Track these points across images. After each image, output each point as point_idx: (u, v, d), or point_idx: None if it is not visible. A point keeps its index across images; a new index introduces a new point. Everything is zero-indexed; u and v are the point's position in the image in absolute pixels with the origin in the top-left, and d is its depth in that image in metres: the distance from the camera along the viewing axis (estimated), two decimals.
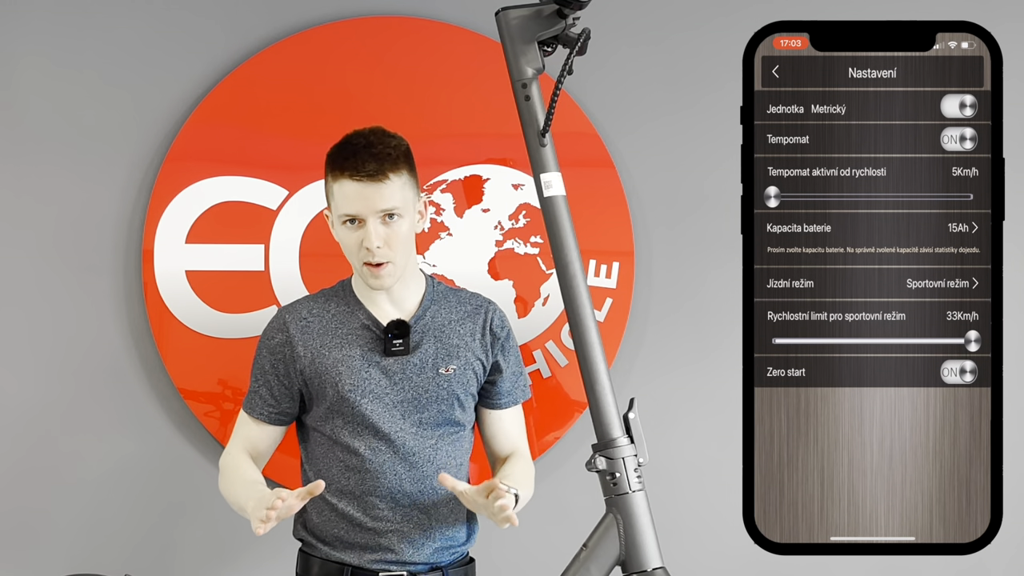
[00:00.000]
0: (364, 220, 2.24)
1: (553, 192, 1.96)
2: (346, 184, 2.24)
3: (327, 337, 2.32)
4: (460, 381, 2.33)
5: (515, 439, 2.44)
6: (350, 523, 2.30)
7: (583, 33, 1.97)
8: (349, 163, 2.24)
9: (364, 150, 2.24)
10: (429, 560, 2.32)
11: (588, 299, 1.94)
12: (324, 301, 2.38)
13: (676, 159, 2.98)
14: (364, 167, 2.23)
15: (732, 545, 2.84)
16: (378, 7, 2.96)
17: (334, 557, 2.32)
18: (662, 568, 1.90)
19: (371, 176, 2.23)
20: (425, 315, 2.35)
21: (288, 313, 2.36)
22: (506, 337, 2.41)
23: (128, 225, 2.91)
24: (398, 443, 2.29)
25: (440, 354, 2.33)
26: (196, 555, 2.94)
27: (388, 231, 2.25)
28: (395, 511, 2.29)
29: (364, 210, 2.23)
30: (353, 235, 2.26)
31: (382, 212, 2.24)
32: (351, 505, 2.30)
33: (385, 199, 2.23)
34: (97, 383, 2.91)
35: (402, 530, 2.30)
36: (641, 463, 1.93)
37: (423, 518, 2.31)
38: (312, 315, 2.35)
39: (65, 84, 2.92)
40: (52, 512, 2.91)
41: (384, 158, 2.24)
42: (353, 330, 2.33)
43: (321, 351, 2.31)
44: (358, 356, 2.30)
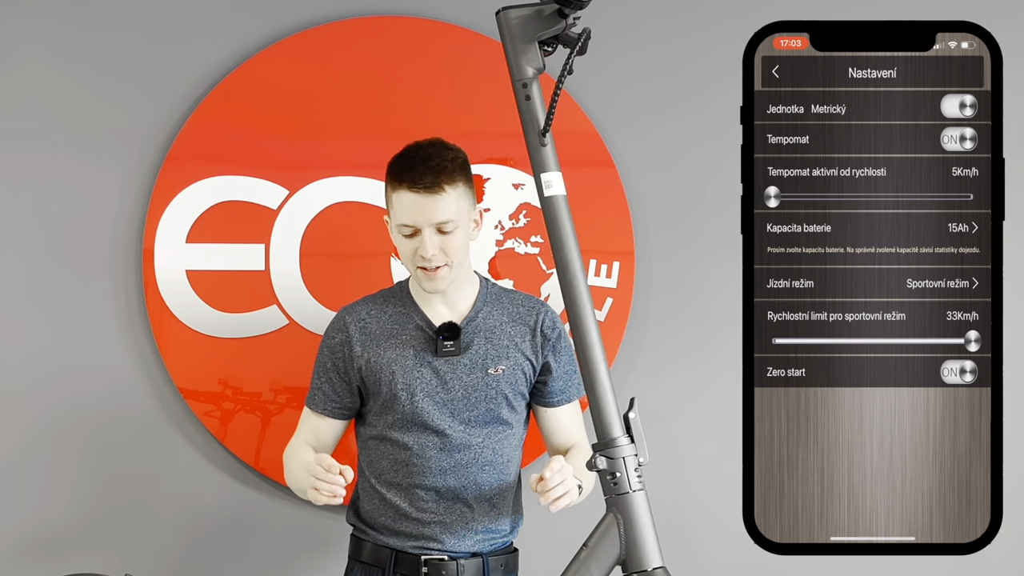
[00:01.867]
0: (420, 230, 2.32)
1: (553, 192, 1.95)
2: (404, 195, 2.32)
3: (383, 337, 2.42)
4: (509, 381, 2.41)
5: (573, 434, 2.51)
6: (397, 512, 2.41)
7: (584, 33, 1.97)
8: (408, 175, 2.32)
9: (422, 162, 2.32)
10: (471, 549, 2.41)
11: (588, 299, 1.94)
12: (382, 302, 2.47)
13: (676, 159, 2.98)
14: (421, 179, 2.31)
15: (732, 545, 2.84)
16: (378, 7, 2.96)
17: (381, 541, 2.42)
18: (662, 568, 1.89)
19: (428, 188, 2.30)
20: (477, 317, 2.43)
21: (348, 314, 2.46)
22: (557, 338, 2.47)
23: (128, 225, 2.91)
24: (446, 439, 2.38)
25: (490, 355, 2.41)
26: (196, 555, 2.94)
27: (443, 240, 2.34)
28: (439, 503, 2.39)
29: (420, 221, 2.32)
30: (409, 243, 2.35)
31: (437, 223, 2.32)
32: (398, 496, 2.40)
33: (440, 211, 2.31)
34: (97, 383, 2.91)
35: (445, 521, 2.40)
36: (641, 463, 1.92)
37: (466, 511, 2.40)
38: (370, 316, 2.45)
39: (65, 84, 2.92)
40: (52, 512, 2.91)
41: (441, 171, 2.32)
42: (408, 330, 2.42)
43: (377, 351, 2.41)
44: (411, 356, 2.40)
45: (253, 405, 2.89)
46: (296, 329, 2.88)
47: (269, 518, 2.92)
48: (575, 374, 2.49)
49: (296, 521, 2.90)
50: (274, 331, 2.89)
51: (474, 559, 2.40)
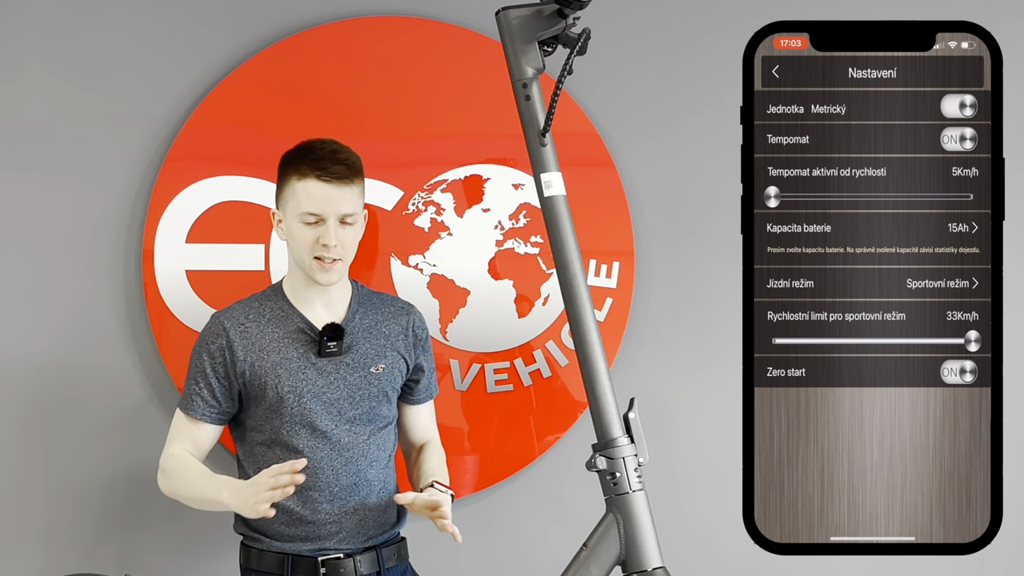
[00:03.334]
0: (324, 220, 2.37)
1: (553, 192, 1.96)
2: (311, 184, 2.36)
3: (265, 340, 2.42)
4: (388, 378, 2.47)
5: (429, 429, 2.62)
6: (290, 517, 2.40)
7: (583, 33, 1.98)
8: (319, 164, 2.37)
9: (332, 155, 2.39)
10: (364, 544, 2.44)
11: (588, 299, 1.94)
12: (258, 305, 2.48)
13: (676, 159, 2.98)
14: (333, 170, 2.37)
15: (732, 545, 2.84)
16: (378, 7, 2.96)
17: (276, 548, 2.42)
18: (662, 568, 1.90)
19: (339, 179, 2.37)
20: (355, 317, 2.47)
21: (226, 318, 2.45)
22: (425, 339, 2.56)
23: (128, 225, 2.91)
24: (334, 439, 2.40)
25: (371, 354, 2.45)
26: (196, 555, 2.94)
27: (343, 233, 2.38)
28: (332, 503, 2.39)
29: (328, 210, 2.36)
30: (310, 232, 2.38)
31: (343, 215, 2.38)
32: (291, 500, 2.38)
33: (347, 203, 2.38)
34: (97, 383, 2.91)
35: (340, 521, 2.40)
36: (641, 463, 1.93)
37: (359, 508, 2.41)
38: (249, 320, 2.45)
39: (65, 84, 2.92)
40: (52, 512, 2.91)
41: (350, 165, 2.40)
42: (289, 333, 2.43)
43: (260, 354, 2.41)
44: (295, 358, 2.41)
45: None
46: None
47: None
48: (434, 372, 2.61)
49: None
50: None
51: (368, 553, 2.43)
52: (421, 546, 2.65)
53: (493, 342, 2.91)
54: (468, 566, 2.94)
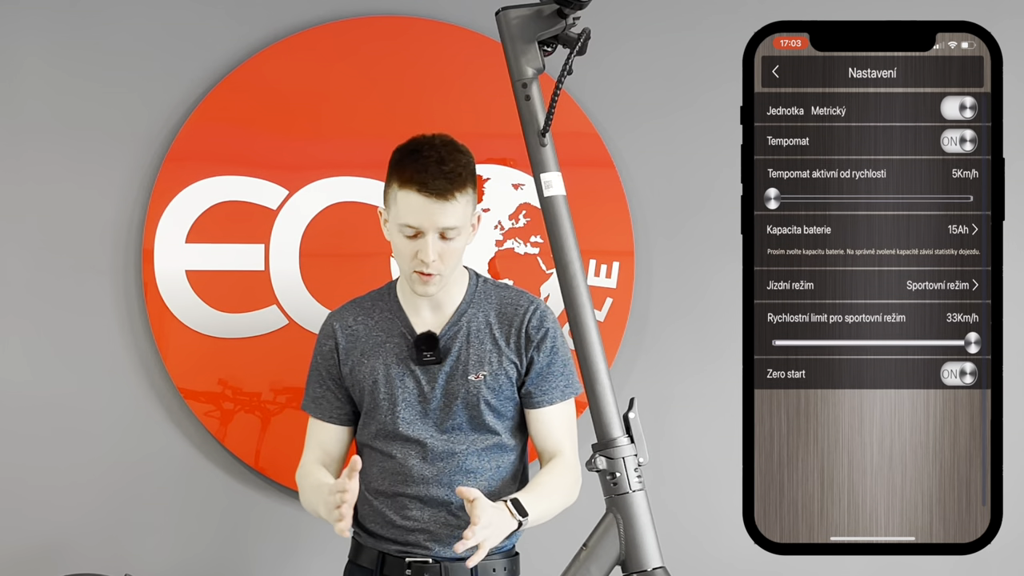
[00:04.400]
0: (424, 233, 2.26)
1: (553, 192, 1.96)
2: (412, 196, 2.25)
3: (368, 345, 2.39)
4: (491, 387, 2.35)
5: (552, 439, 2.39)
6: (383, 519, 2.38)
7: (583, 33, 1.97)
8: (420, 177, 2.24)
9: (436, 166, 2.25)
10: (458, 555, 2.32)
11: (588, 299, 1.94)
12: (370, 306, 2.44)
13: (676, 159, 2.97)
14: (433, 184, 2.23)
15: (732, 545, 2.84)
16: (378, 7, 2.95)
17: (371, 544, 2.41)
18: (662, 568, 1.90)
19: (439, 194, 2.24)
20: (460, 320, 2.37)
21: (336, 320, 2.44)
22: (542, 337, 2.36)
23: (128, 225, 2.91)
24: (428, 448, 2.34)
25: (471, 360, 2.35)
26: (196, 555, 2.94)
27: (444, 247, 2.27)
28: (423, 511, 2.35)
29: (426, 225, 2.25)
30: (409, 244, 2.28)
31: (443, 229, 2.26)
32: (385, 503, 2.37)
33: (448, 218, 2.25)
34: (97, 383, 2.91)
35: (430, 529, 2.35)
36: (641, 463, 1.93)
37: (451, 519, 2.35)
38: (357, 322, 2.42)
39: (65, 84, 2.91)
40: (52, 512, 2.91)
41: (455, 178, 2.25)
42: (391, 338, 2.39)
43: (361, 359, 2.39)
44: (393, 364, 2.37)
45: (253, 405, 2.89)
46: (296, 329, 2.88)
47: (269, 518, 2.92)
48: (561, 376, 2.39)
49: (295, 521, 2.90)
50: (274, 331, 2.89)
51: (460, 562, 2.33)
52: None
53: None
54: None
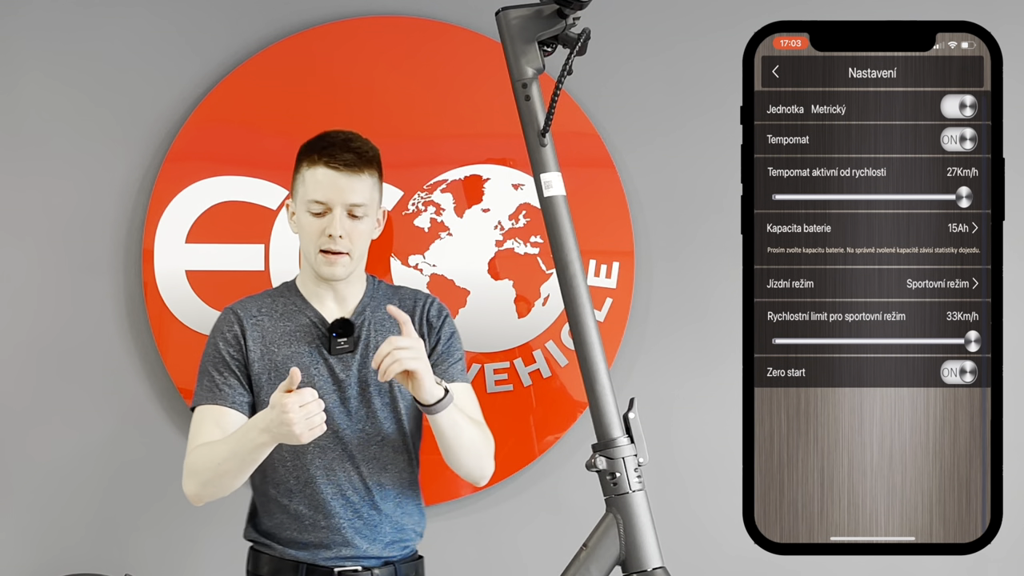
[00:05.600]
0: (331, 209, 2.31)
1: (553, 192, 1.96)
2: (320, 171, 2.32)
3: (276, 334, 2.37)
4: None
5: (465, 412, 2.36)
6: (302, 523, 2.33)
7: (583, 33, 1.97)
8: (327, 151, 2.32)
9: (343, 143, 2.34)
10: (381, 555, 2.35)
11: (588, 299, 1.94)
12: (271, 300, 2.43)
13: (676, 159, 2.98)
14: (341, 156, 2.32)
15: (732, 545, 2.84)
16: (378, 7, 2.96)
17: (289, 556, 2.34)
18: (662, 568, 1.90)
19: (348, 166, 2.31)
20: (365, 311, 2.40)
21: (239, 310, 2.41)
22: (442, 323, 2.43)
23: (128, 225, 2.91)
24: (346, 439, 2.33)
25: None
26: (196, 555, 2.94)
27: (351, 226, 2.32)
28: (346, 507, 2.32)
29: (334, 198, 2.31)
30: (316, 222, 2.32)
31: (350, 205, 2.32)
32: (303, 504, 2.32)
33: (356, 192, 2.32)
34: (97, 383, 2.91)
35: (355, 525, 2.33)
36: (641, 463, 1.93)
37: (373, 513, 2.34)
38: (262, 312, 2.40)
39: (65, 84, 2.92)
40: (52, 512, 2.91)
41: (362, 154, 2.34)
42: (301, 327, 2.38)
43: (271, 348, 2.36)
44: (306, 353, 2.36)
45: None
46: None
47: None
48: (460, 361, 2.43)
49: None
50: None
51: (386, 568, 2.34)
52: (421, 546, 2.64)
53: (493, 342, 2.90)
54: (468, 565, 2.94)
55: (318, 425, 2.11)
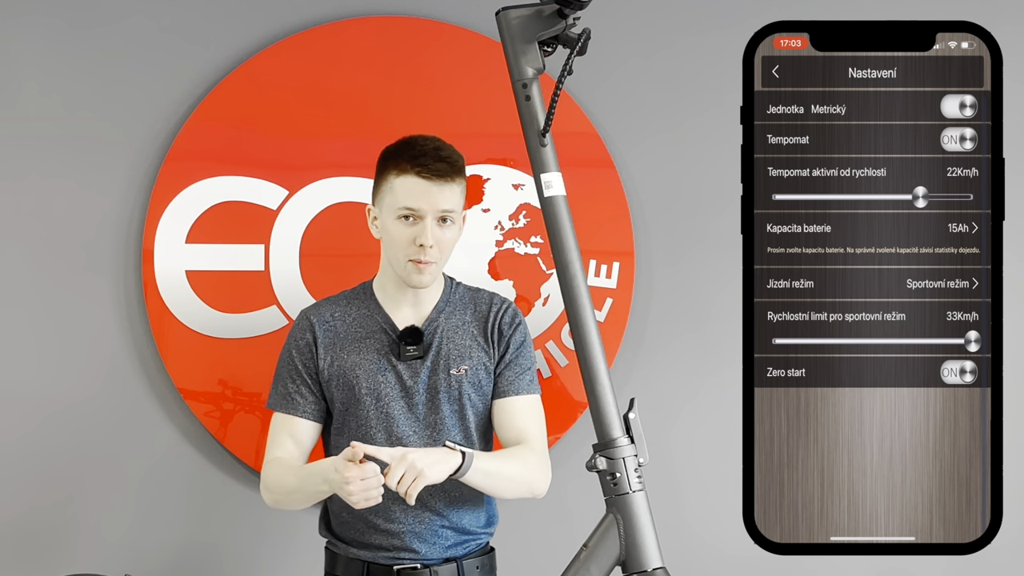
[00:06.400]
0: (422, 217, 2.31)
1: (553, 192, 1.95)
2: (411, 179, 2.31)
3: (347, 340, 2.38)
4: (472, 381, 2.37)
5: (521, 426, 2.38)
6: (366, 524, 2.36)
7: (583, 33, 1.97)
8: (419, 160, 2.31)
9: (434, 151, 2.33)
10: (443, 555, 2.37)
11: (588, 299, 1.94)
12: (346, 304, 2.44)
13: (676, 159, 2.98)
14: (434, 167, 2.31)
15: (732, 545, 2.84)
16: (378, 7, 2.96)
17: (352, 554, 2.38)
18: (662, 568, 1.90)
19: (440, 175, 2.31)
20: (439, 317, 2.40)
21: (313, 315, 2.42)
22: (514, 330, 2.42)
23: (128, 225, 2.91)
24: (410, 445, 2.32)
25: (452, 355, 2.37)
26: (196, 555, 2.94)
27: (440, 234, 2.32)
28: (407, 512, 2.33)
29: (426, 207, 2.30)
30: (407, 230, 2.32)
31: (442, 212, 2.31)
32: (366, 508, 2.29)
33: (447, 200, 2.31)
34: (97, 383, 2.91)
35: (416, 530, 2.34)
36: (641, 463, 1.92)
37: (435, 517, 2.35)
38: (335, 318, 2.41)
39: (65, 84, 2.92)
40: (52, 512, 2.91)
41: (452, 163, 2.34)
42: (372, 333, 2.39)
43: (340, 354, 2.37)
44: (374, 360, 2.36)
45: (253, 405, 2.89)
46: None
47: (269, 518, 2.92)
48: (529, 370, 2.42)
49: (296, 521, 2.90)
50: (274, 331, 2.89)
51: (448, 564, 2.36)
52: None
53: None
54: None
55: (374, 498, 2.15)
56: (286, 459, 2.37)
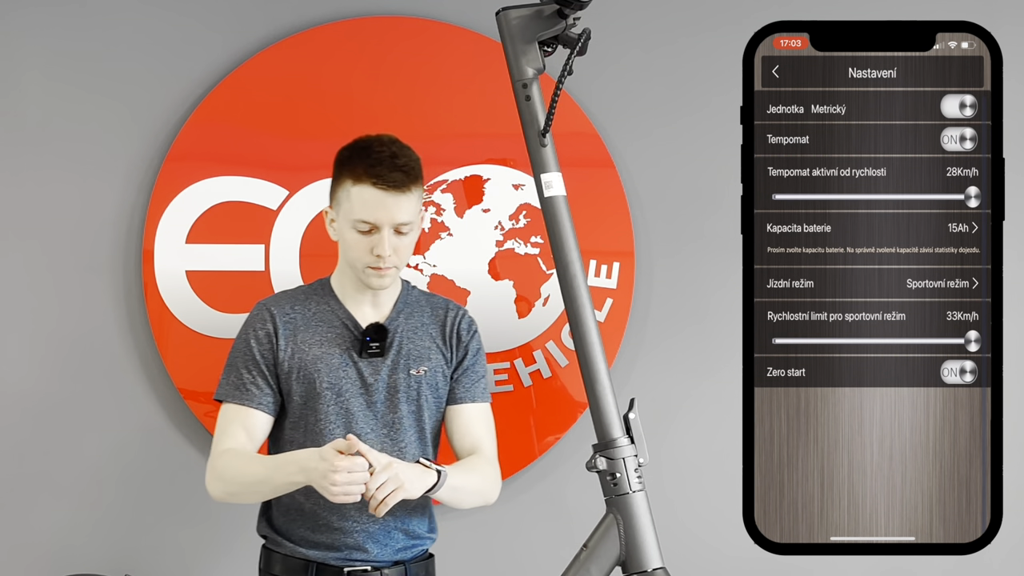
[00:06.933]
0: (379, 228, 2.28)
1: (553, 192, 1.96)
2: (367, 190, 2.27)
3: (308, 334, 2.36)
4: (430, 383, 2.37)
5: (476, 435, 2.40)
6: (317, 522, 2.32)
7: (583, 33, 1.98)
8: (375, 171, 2.26)
9: (389, 160, 2.27)
10: (393, 557, 2.35)
11: (588, 299, 1.94)
12: (305, 298, 2.41)
13: (677, 159, 2.98)
14: (389, 177, 2.26)
15: (732, 545, 2.84)
16: (378, 7, 2.96)
17: (299, 553, 2.33)
18: (662, 568, 1.90)
19: (396, 187, 2.26)
20: (399, 317, 2.39)
21: (273, 306, 2.39)
22: (471, 338, 2.44)
23: (128, 225, 2.91)
24: (367, 443, 2.28)
25: (413, 355, 2.37)
26: (196, 555, 2.94)
27: (397, 241, 2.30)
28: (362, 512, 2.29)
29: (382, 219, 2.27)
30: (364, 240, 2.29)
31: (398, 223, 2.28)
32: (318, 504, 2.30)
33: (403, 212, 2.28)
34: (97, 383, 2.91)
35: (369, 530, 2.32)
36: (641, 463, 1.93)
37: (389, 520, 2.32)
38: (295, 311, 2.39)
39: (65, 84, 2.92)
40: (52, 512, 2.91)
41: (408, 171, 2.28)
42: (333, 329, 2.37)
43: (301, 347, 2.35)
44: (336, 354, 2.35)
45: None
46: None
47: None
48: (483, 379, 2.44)
49: None
50: None
51: (396, 567, 2.34)
52: None
53: (493, 342, 2.90)
54: (469, 566, 2.93)
55: (354, 494, 2.12)
56: (242, 451, 2.31)
